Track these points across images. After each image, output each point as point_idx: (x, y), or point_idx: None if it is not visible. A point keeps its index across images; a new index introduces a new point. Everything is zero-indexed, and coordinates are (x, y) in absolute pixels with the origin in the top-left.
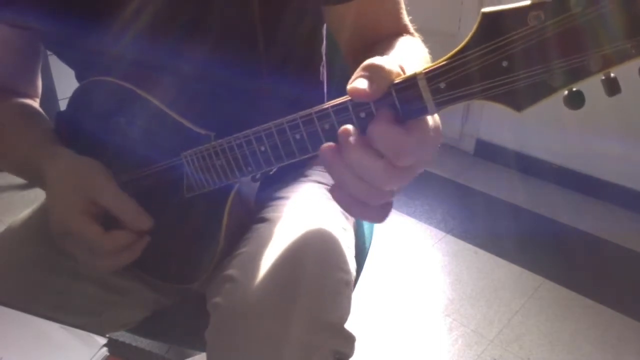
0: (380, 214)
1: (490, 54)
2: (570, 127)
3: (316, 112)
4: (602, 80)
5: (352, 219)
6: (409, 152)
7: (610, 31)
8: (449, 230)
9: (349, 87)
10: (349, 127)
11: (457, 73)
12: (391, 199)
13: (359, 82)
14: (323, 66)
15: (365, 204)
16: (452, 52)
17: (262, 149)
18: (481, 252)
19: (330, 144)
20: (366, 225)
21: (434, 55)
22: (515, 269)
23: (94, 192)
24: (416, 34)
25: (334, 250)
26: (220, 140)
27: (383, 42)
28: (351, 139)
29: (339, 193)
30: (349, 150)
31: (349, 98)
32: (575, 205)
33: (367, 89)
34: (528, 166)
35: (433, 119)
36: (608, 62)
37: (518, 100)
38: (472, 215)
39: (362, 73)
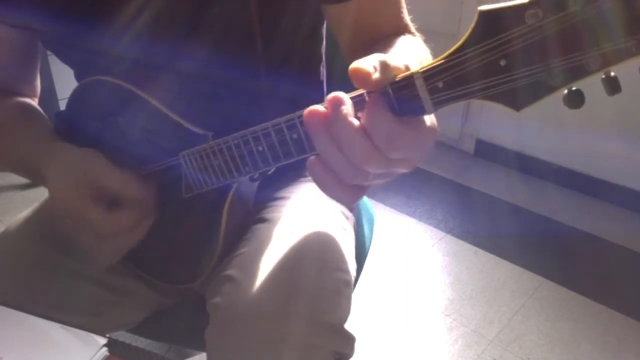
0: (351, 196)
1: (488, 52)
2: (570, 127)
3: None
4: (602, 79)
5: (352, 219)
6: (402, 146)
7: (610, 29)
8: (449, 230)
9: (353, 65)
10: (342, 95)
11: (455, 72)
12: (366, 183)
13: (366, 65)
14: (323, 66)
15: (340, 181)
16: (449, 50)
17: (260, 148)
18: (481, 252)
19: (321, 109)
20: (366, 225)
21: (434, 56)
22: (515, 269)
23: (95, 174)
24: (417, 34)
25: (333, 250)
26: (218, 140)
27: (383, 40)
28: (343, 108)
29: (315, 164)
30: (339, 122)
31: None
32: (575, 205)
33: (372, 75)
34: (528, 166)
35: (430, 119)
36: (608, 61)
37: (517, 99)
38: (472, 215)
39: (372, 61)
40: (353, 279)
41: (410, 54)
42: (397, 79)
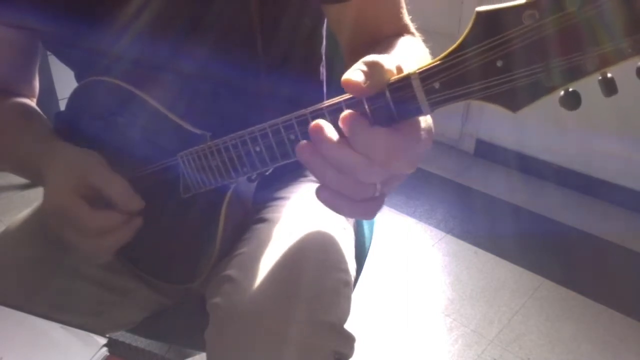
0: (368, 210)
1: (485, 53)
2: (570, 127)
3: (311, 113)
4: (599, 80)
5: (351, 219)
6: (397, 156)
7: (607, 30)
8: (449, 230)
9: (344, 77)
10: (321, 122)
11: (452, 73)
12: (378, 193)
13: (355, 75)
14: (323, 66)
15: (351, 200)
16: (446, 51)
17: (257, 149)
18: (481, 252)
19: (305, 142)
20: (366, 225)
21: (434, 56)
22: (515, 269)
23: (84, 172)
24: (417, 34)
25: (333, 250)
26: (215, 141)
27: (384, 41)
28: (325, 133)
29: (323, 192)
30: (326, 147)
31: (343, 98)
32: (575, 205)
33: (362, 84)
34: (528, 166)
35: (425, 121)
36: (605, 62)
37: (513, 100)
38: (472, 215)
39: (361, 67)
40: (353, 278)
41: (410, 55)
42: (393, 80)
